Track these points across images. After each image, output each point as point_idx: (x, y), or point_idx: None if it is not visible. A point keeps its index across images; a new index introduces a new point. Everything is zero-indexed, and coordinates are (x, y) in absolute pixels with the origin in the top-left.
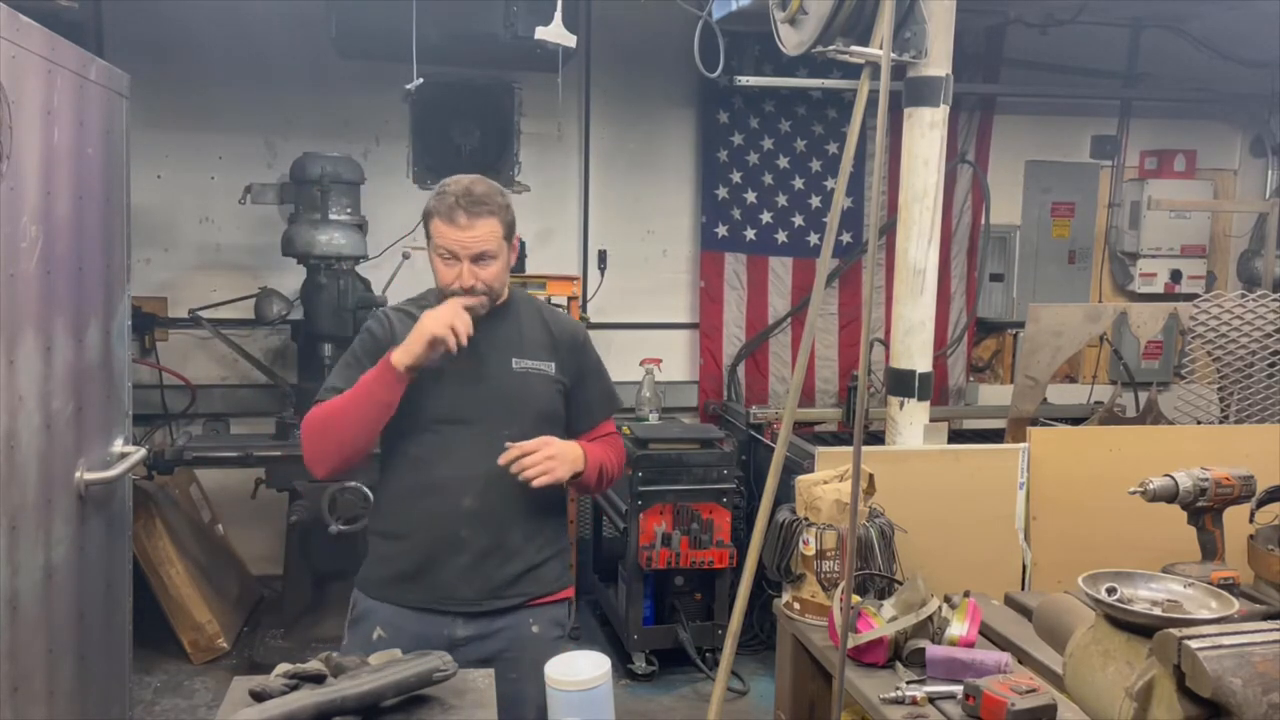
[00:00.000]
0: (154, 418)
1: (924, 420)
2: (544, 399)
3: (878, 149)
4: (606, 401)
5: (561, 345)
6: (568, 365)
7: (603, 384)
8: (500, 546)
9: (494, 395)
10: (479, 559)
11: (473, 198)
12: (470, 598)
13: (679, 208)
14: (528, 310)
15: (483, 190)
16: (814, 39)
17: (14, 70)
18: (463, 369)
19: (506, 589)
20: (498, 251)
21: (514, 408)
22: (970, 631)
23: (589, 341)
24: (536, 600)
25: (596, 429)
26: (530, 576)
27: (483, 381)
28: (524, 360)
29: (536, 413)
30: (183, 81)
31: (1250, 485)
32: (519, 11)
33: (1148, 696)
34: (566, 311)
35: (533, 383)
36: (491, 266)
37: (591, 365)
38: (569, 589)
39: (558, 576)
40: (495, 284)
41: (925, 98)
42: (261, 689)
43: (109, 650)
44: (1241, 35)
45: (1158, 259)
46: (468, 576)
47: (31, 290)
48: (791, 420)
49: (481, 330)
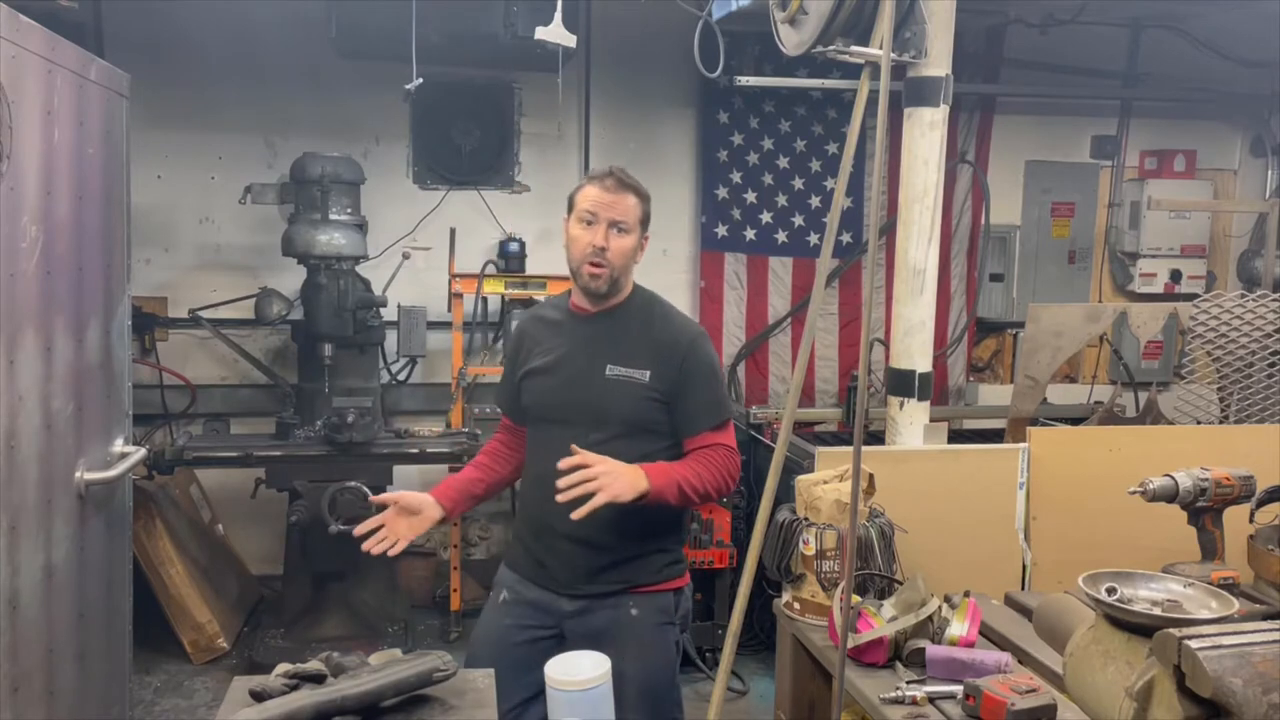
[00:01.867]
0: (154, 418)
1: (924, 420)
2: (632, 408)
3: (878, 149)
4: (709, 412)
5: (662, 353)
6: (665, 374)
7: (706, 394)
8: (591, 540)
9: (585, 401)
10: (573, 548)
11: (625, 175)
12: (569, 580)
13: (679, 208)
14: (641, 314)
15: (632, 176)
16: (814, 39)
17: (14, 70)
18: (566, 372)
19: (602, 576)
20: (632, 227)
21: (602, 414)
22: (970, 631)
23: (696, 349)
24: (637, 588)
25: (697, 439)
26: (628, 566)
27: (577, 386)
28: (618, 368)
29: (623, 420)
30: (183, 81)
31: (1250, 485)
32: (519, 11)
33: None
34: (684, 315)
35: (622, 390)
36: (624, 239)
37: (695, 374)
38: (676, 580)
39: (660, 569)
40: (619, 260)
41: (925, 98)
42: (261, 689)
43: (109, 650)
44: (1241, 35)
45: (1158, 259)
46: (565, 562)
47: (31, 290)
48: (791, 420)
49: (588, 333)
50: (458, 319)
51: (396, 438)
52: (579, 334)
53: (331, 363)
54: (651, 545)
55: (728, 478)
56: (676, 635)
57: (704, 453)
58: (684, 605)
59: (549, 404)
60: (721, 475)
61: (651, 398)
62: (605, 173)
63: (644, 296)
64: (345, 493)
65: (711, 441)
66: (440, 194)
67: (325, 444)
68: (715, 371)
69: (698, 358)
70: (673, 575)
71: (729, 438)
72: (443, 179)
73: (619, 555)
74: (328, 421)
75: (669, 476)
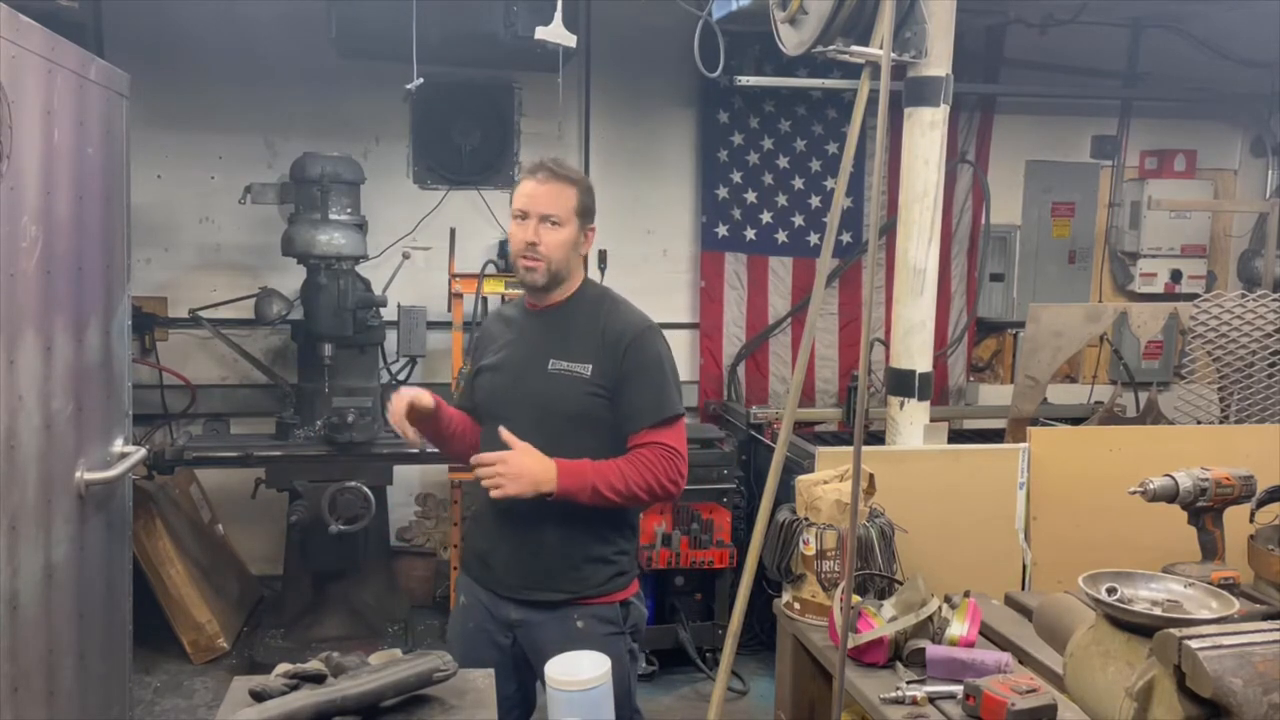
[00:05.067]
0: (154, 418)
1: (924, 420)
2: (573, 402)
3: (878, 149)
4: (651, 408)
5: (606, 347)
6: (608, 368)
7: (650, 389)
8: (532, 544)
9: (526, 395)
10: (516, 552)
11: (558, 165)
12: (514, 585)
13: (679, 208)
14: (589, 308)
15: (567, 166)
16: (814, 39)
17: (14, 70)
18: (509, 367)
19: (545, 584)
20: (565, 220)
21: (543, 409)
22: (970, 631)
23: (641, 343)
24: (582, 599)
25: (639, 436)
26: (570, 577)
27: (519, 381)
28: (560, 362)
29: (565, 415)
30: (183, 81)
31: (1250, 485)
32: (519, 11)
33: (1148, 696)
34: (635, 309)
35: (563, 385)
36: (557, 232)
37: (639, 369)
38: (621, 592)
39: (604, 581)
40: (555, 253)
41: (925, 98)
42: (261, 689)
43: (109, 650)
44: (1241, 35)
45: (1158, 259)
46: (509, 566)
47: (31, 290)
48: (791, 420)
49: (536, 327)
50: (458, 319)
51: (396, 438)
52: (527, 329)
53: (331, 363)
54: (593, 553)
55: (663, 479)
56: (629, 645)
57: (640, 451)
58: (633, 615)
59: (495, 400)
60: (654, 476)
61: (593, 392)
62: (537, 165)
63: (595, 291)
64: (345, 493)
65: (651, 440)
66: (440, 194)
67: (325, 444)
68: (661, 366)
69: (643, 351)
70: (618, 587)
71: (672, 436)
72: (443, 179)
73: (561, 563)
74: (328, 421)
75: (583, 478)
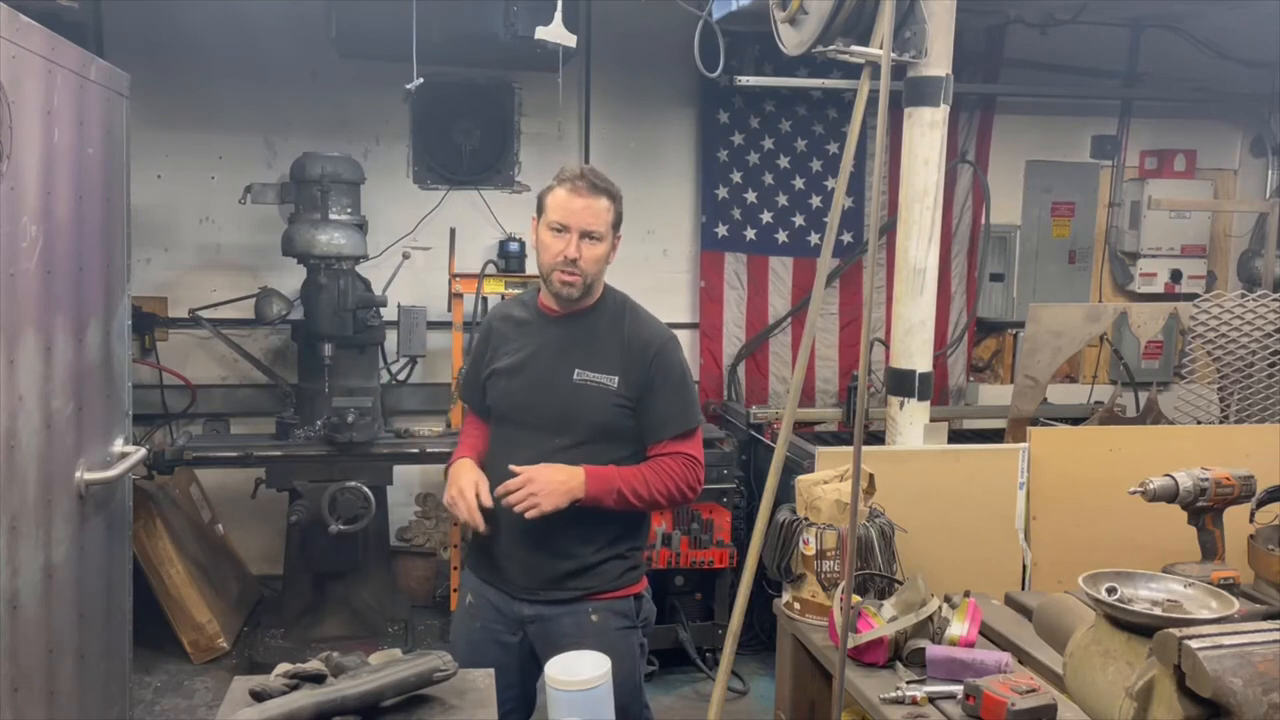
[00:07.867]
0: (154, 418)
1: (924, 420)
2: (599, 412)
3: (878, 149)
4: (675, 419)
5: (631, 357)
6: (633, 379)
7: (673, 401)
8: (550, 547)
9: (550, 405)
10: (532, 554)
11: (596, 176)
12: (528, 586)
13: (679, 208)
14: (613, 317)
15: (603, 176)
16: (814, 39)
17: (14, 70)
18: (533, 374)
19: (562, 583)
20: (604, 235)
21: (568, 419)
22: (970, 631)
23: (665, 354)
24: (596, 595)
25: (660, 446)
26: (586, 574)
27: (543, 389)
28: (586, 372)
29: (590, 425)
30: (183, 81)
31: (1250, 485)
32: (519, 11)
33: (1148, 696)
34: (655, 319)
35: (589, 396)
36: (596, 248)
37: (664, 379)
38: (634, 586)
39: (619, 575)
40: (592, 268)
41: (925, 98)
42: (261, 689)
43: (109, 650)
44: (1241, 35)
45: (1158, 259)
46: (524, 568)
47: (31, 290)
48: (791, 420)
49: (557, 334)
50: (458, 319)
51: (396, 438)
52: (547, 335)
53: (331, 363)
54: (608, 552)
55: (684, 487)
56: (640, 639)
57: (663, 460)
58: (645, 609)
59: (514, 406)
60: (675, 484)
61: (619, 404)
62: (576, 174)
63: (615, 299)
64: (345, 493)
65: (673, 450)
66: (440, 194)
67: (325, 444)
68: (684, 378)
69: (667, 363)
70: (631, 581)
71: (693, 447)
72: (443, 179)
73: (576, 563)
74: (328, 421)
75: (609, 484)
